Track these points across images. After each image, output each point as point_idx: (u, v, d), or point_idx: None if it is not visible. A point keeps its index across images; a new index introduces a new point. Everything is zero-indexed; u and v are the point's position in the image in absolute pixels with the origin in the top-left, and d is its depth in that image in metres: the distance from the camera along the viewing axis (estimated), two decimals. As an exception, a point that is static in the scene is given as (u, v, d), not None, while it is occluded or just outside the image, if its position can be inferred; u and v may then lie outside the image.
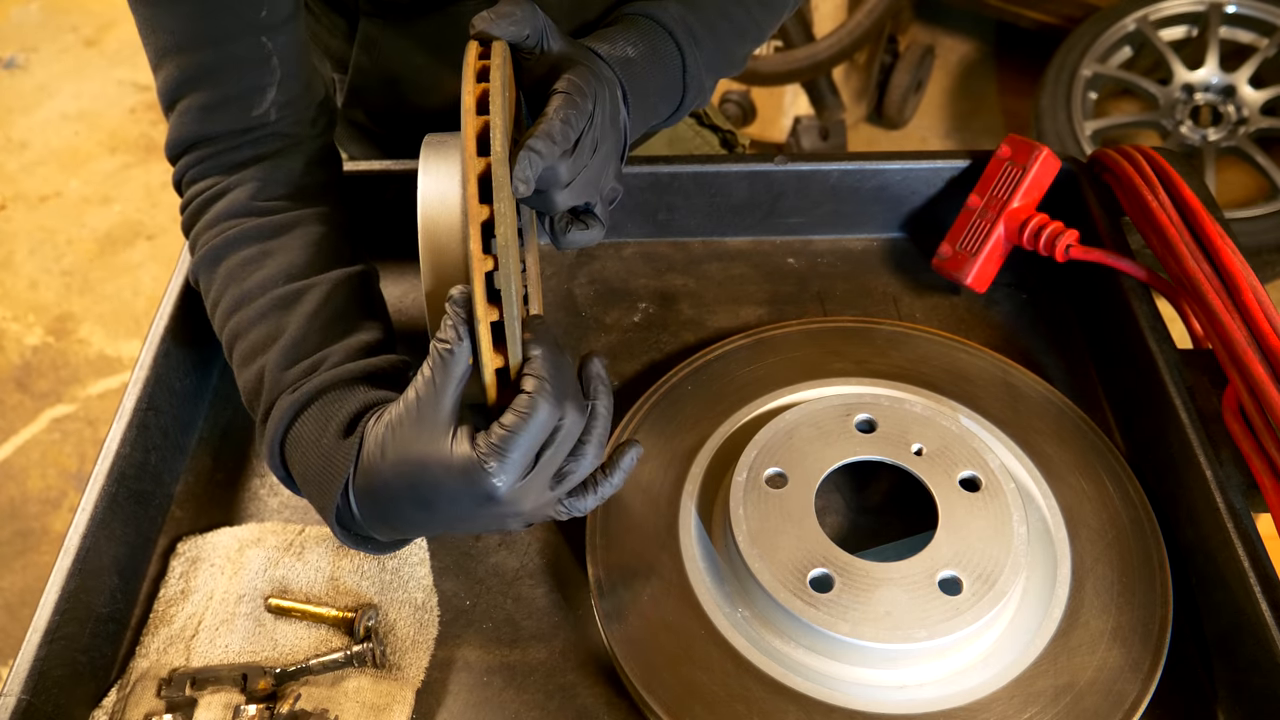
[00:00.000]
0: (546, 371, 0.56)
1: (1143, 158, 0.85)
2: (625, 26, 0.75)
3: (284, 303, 0.66)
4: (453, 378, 0.56)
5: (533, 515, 0.59)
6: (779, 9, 0.86)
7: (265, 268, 0.67)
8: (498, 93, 0.57)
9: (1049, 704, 0.61)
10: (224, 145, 0.71)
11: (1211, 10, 2.24)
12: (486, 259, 0.56)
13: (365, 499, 0.58)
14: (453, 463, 0.55)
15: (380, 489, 0.57)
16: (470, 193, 0.55)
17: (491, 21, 0.61)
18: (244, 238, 0.69)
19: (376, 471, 0.57)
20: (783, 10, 0.87)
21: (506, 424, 0.54)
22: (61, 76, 2.96)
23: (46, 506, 1.95)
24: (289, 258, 0.68)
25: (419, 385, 0.56)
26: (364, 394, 0.61)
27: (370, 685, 0.64)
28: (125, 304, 2.32)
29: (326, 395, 0.61)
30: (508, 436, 0.54)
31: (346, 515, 0.60)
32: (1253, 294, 0.72)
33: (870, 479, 0.76)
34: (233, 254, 0.68)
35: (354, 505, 0.59)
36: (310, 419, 0.61)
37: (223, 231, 0.69)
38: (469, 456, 0.55)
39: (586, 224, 0.67)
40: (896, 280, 0.91)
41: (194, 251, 0.71)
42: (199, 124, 0.70)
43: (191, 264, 0.71)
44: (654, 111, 0.75)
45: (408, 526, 0.60)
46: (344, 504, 0.59)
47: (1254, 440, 0.68)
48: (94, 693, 0.66)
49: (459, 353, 0.56)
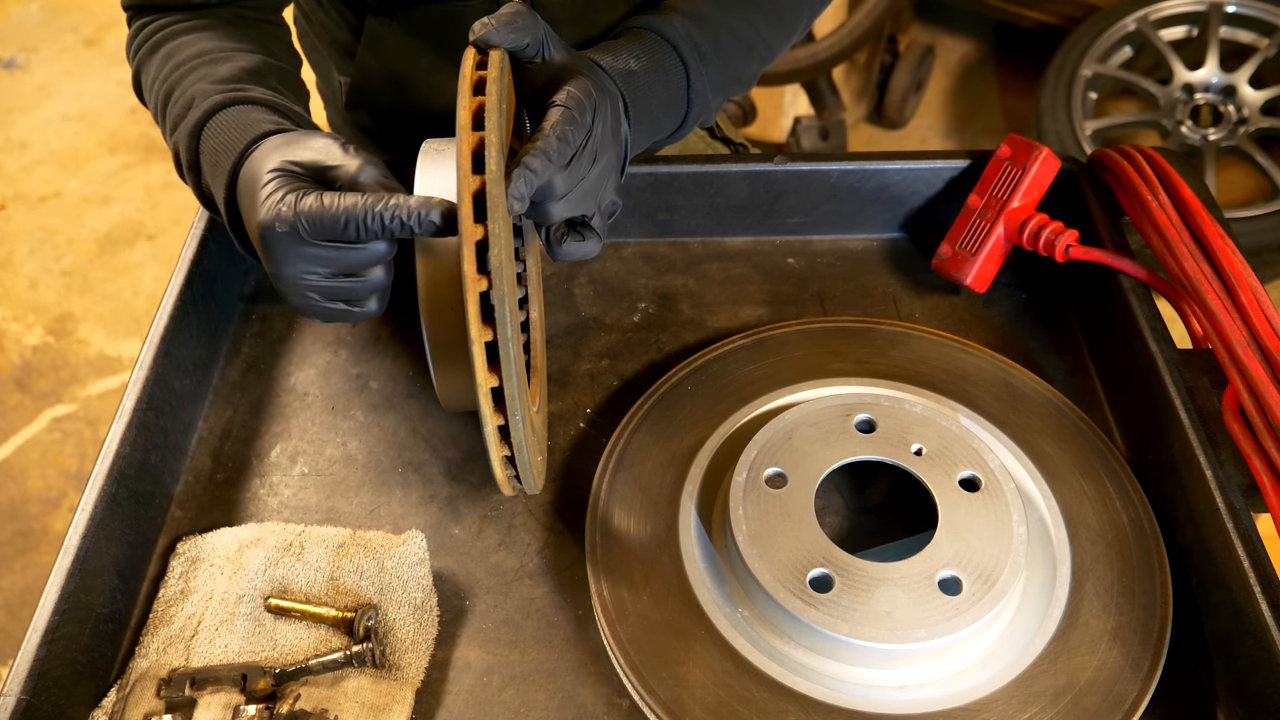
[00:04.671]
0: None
1: (1142, 158, 0.85)
2: (629, 40, 0.74)
3: (215, 60, 0.74)
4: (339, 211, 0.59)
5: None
6: (790, 29, 0.85)
7: (202, 43, 0.76)
8: (494, 108, 0.56)
9: (1049, 704, 0.61)
10: (180, 14, 0.80)
11: (1211, 10, 2.24)
12: (481, 279, 0.55)
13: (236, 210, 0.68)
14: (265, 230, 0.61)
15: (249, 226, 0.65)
16: (464, 213, 0.55)
17: (491, 28, 0.60)
18: (187, 30, 0.77)
19: (256, 212, 0.62)
20: (794, 30, 0.86)
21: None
22: (61, 76, 2.96)
23: (46, 506, 1.95)
24: (229, 42, 0.77)
25: (327, 199, 0.59)
26: (273, 119, 0.69)
27: (370, 685, 0.64)
28: (125, 304, 2.32)
29: (249, 105, 0.70)
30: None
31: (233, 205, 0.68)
32: (1252, 294, 0.72)
33: (870, 479, 0.76)
34: (173, 40, 0.77)
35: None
36: (234, 114, 0.69)
37: (165, 26, 0.78)
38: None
39: (583, 235, 0.67)
40: (896, 280, 0.91)
41: (135, 55, 0.80)
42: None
43: (134, 62, 0.80)
44: (657, 126, 0.75)
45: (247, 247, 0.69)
46: (230, 196, 0.67)
47: (1254, 440, 0.68)
48: (94, 693, 0.66)
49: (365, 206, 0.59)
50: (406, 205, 0.58)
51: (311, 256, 0.61)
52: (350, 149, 0.64)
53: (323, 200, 0.59)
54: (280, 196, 0.60)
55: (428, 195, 0.59)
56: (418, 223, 0.58)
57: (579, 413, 0.82)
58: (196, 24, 0.79)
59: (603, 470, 0.74)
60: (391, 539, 0.72)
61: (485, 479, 0.77)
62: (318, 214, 0.59)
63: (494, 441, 0.60)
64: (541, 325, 0.80)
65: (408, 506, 0.76)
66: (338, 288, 0.63)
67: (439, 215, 0.58)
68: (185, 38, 0.77)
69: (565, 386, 0.83)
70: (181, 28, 0.78)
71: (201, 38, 0.77)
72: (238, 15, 0.82)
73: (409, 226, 0.58)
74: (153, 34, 0.79)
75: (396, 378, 0.84)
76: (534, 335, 0.78)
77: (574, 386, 0.83)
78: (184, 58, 0.75)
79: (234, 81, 0.72)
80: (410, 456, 0.79)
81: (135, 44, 0.80)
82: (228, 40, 0.77)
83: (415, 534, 0.72)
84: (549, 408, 0.81)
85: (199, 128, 0.70)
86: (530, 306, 0.78)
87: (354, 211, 0.58)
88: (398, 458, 0.79)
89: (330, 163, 0.63)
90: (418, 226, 0.58)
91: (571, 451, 0.79)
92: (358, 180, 0.62)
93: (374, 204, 0.59)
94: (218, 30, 0.78)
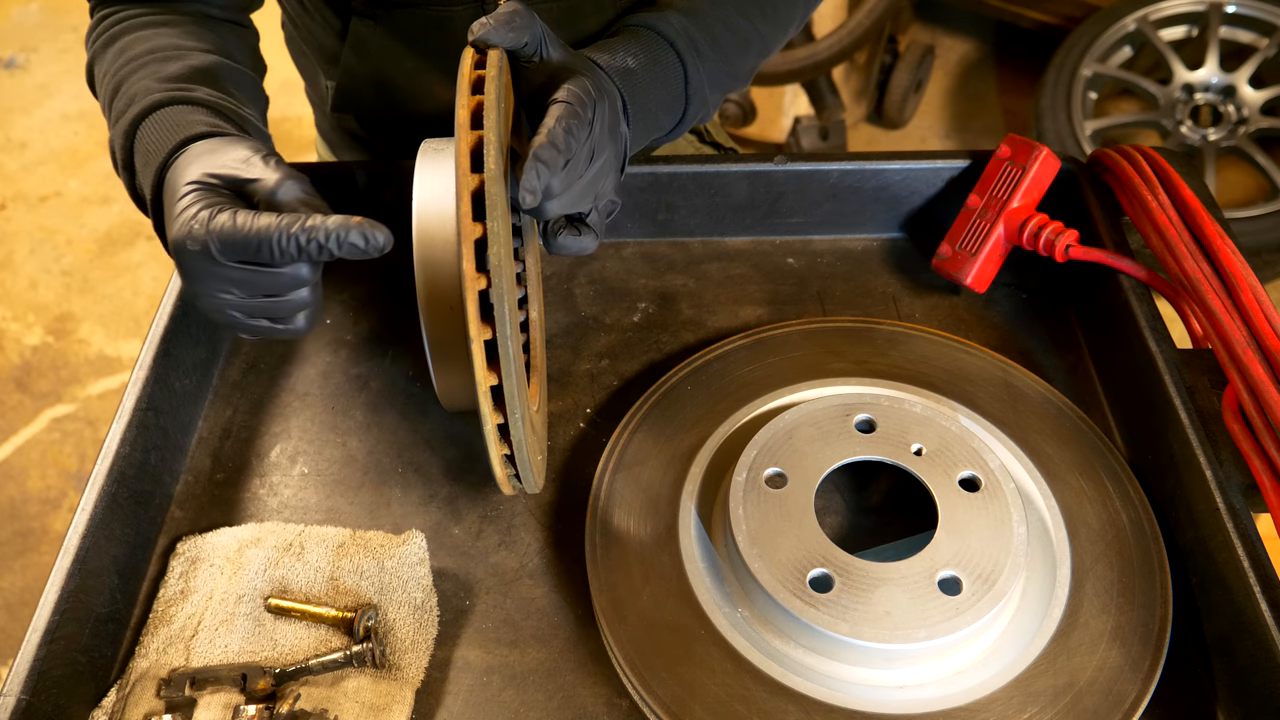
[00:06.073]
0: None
1: (1142, 158, 0.85)
2: (626, 38, 0.74)
3: (167, 58, 0.73)
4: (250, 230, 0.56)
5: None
6: (786, 23, 0.85)
7: (157, 39, 0.75)
8: (492, 107, 0.56)
9: (1049, 704, 0.61)
10: (142, 7, 0.79)
11: (1211, 10, 2.24)
12: (480, 278, 0.55)
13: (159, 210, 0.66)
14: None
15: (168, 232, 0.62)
16: (464, 211, 0.54)
17: (489, 28, 0.59)
18: (146, 25, 0.76)
19: (171, 226, 0.60)
20: (789, 24, 0.86)
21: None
22: (61, 76, 2.96)
23: (46, 506, 1.95)
24: (186, 40, 0.76)
25: (240, 218, 0.57)
26: (210, 120, 0.67)
27: (370, 685, 0.64)
28: (125, 304, 2.32)
29: (188, 106, 0.68)
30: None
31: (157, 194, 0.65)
32: (1252, 294, 0.72)
33: (870, 479, 0.76)
34: (129, 35, 0.76)
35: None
36: (169, 114, 0.67)
37: (125, 19, 0.77)
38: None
39: (579, 231, 0.66)
40: (896, 280, 0.91)
41: (91, 46, 0.78)
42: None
43: (90, 53, 0.79)
44: (655, 124, 0.75)
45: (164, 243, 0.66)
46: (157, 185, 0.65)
47: (1254, 440, 0.68)
48: (93, 693, 0.66)
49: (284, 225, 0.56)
50: (324, 226, 0.55)
51: (226, 277, 0.58)
52: (271, 161, 0.61)
53: (236, 220, 0.56)
54: (194, 213, 0.58)
55: (346, 216, 0.56)
56: (337, 244, 0.55)
57: (579, 413, 0.82)
58: (156, 19, 0.78)
59: (603, 470, 0.74)
60: (391, 539, 0.72)
61: (485, 479, 0.77)
62: (229, 235, 0.56)
63: (493, 440, 0.60)
64: (541, 325, 0.80)
65: (408, 506, 0.76)
66: (258, 306, 0.60)
67: (359, 236, 0.55)
68: (142, 33, 0.76)
69: (565, 386, 0.83)
70: (140, 22, 0.77)
71: (158, 34, 0.76)
72: (202, 13, 0.80)
73: (327, 249, 0.55)
74: (111, 27, 0.78)
75: (396, 378, 0.84)
76: (534, 335, 0.78)
77: (574, 386, 0.83)
78: (137, 53, 0.74)
79: (180, 80, 0.70)
80: (410, 456, 0.79)
81: (93, 35, 0.79)
82: (185, 39, 0.76)
83: (415, 534, 0.72)
84: (549, 407, 0.81)
85: (135, 125, 0.68)
86: (530, 306, 0.78)
87: (267, 233, 0.55)
88: (398, 458, 0.79)
89: (248, 176, 0.60)
90: (337, 249, 0.55)
91: (571, 451, 0.79)
92: (275, 196, 0.59)
93: (289, 225, 0.55)
94: (177, 28, 0.77)
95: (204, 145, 0.63)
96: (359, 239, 0.55)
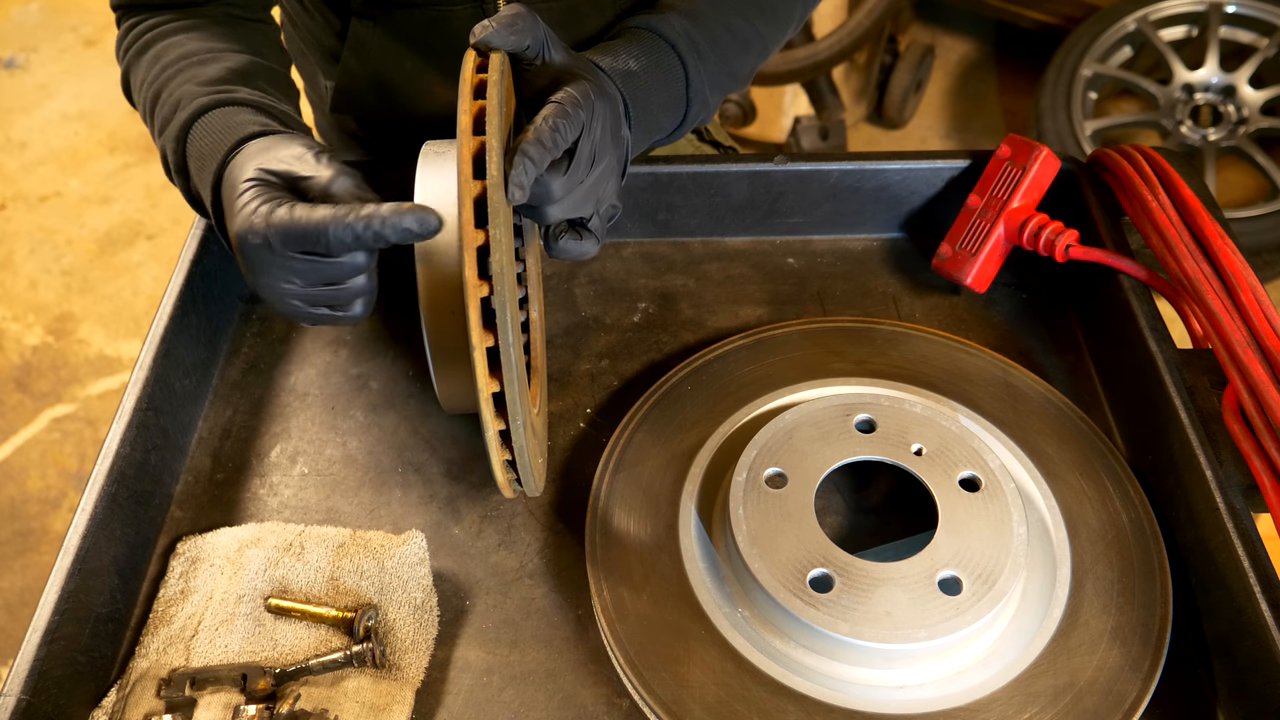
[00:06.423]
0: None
1: (1142, 158, 0.85)
2: (627, 40, 0.74)
3: (202, 61, 0.74)
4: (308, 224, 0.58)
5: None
6: (785, 23, 0.86)
7: (190, 44, 0.76)
8: (494, 112, 0.56)
9: (1049, 704, 0.61)
10: (168, 13, 0.80)
11: (1211, 10, 2.24)
12: (482, 285, 0.55)
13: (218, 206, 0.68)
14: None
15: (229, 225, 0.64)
16: (466, 218, 0.54)
17: (491, 31, 0.59)
18: (176, 31, 0.78)
19: (233, 222, 0.62)
20: (789, 24, 0.86)
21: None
22: (61, 76, 2.96)
23: (46, 506, 1.95)
24: (217, 42, 0.77)
25: (299, 212, 0.59)
26: (260, 120, 0.69)
27: (370, 685, 0.64)
28: (125, 304, 2.32)
29: (235, 107, 0.70)
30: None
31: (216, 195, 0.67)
32: (1252, 294, 0.72)
33: (870, 479, 0.76)
34: (161, 41, 0.77)
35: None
36: (219, 116, 0.69)
37: (154, 26, 0.79)
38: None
39: (581, 235, 0.66)
40: (896, 280, 0.91)
41: (124, 56, 0.80)
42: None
43: (123, 63, 0.80)
44: (657, 126, 0.75)
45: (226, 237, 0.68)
46: (216, 186, 0.67)
47: (1254, 440, 0.68)
48: (94, 693, 0.66)
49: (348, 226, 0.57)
50: (378, 214, 0.57)
51: (287, 267, 0.60)
52: (324, 158, 0.63)
53: (294, 213, 0.58)
54: (254, 208, 0.60)
55: (398, 203, 0.58)
56: (392, 231, 0.57)
57: (579, 413, 0.82)
58: (185, 24, 0.79)
59: (603, 470, 0.74)
60: (391, 539, 0.72)
61: (485, 479, 0.77)
62: (289, 227, 0.58)
63: (495, 446, 0.60)
64: (541, 325, 0.80)
65: (408, 506, 0.76)
66: (318, 294, 0.62)
67: (413, 220, 0.57)
68: (174, 39, 0.77)
69: (565, 386, 0.83)
70: (170, 28, 0.78)
71: (190, 38, 0.77)
72: (227, 14, 0.82)
73: (383, 236, 0.57)
74: (141, 34, 0.79)
75: (396, 378, 0.84)
76: (534, 335, 0.78)
77: (574, 386, 0.83)
78: (172, 59, 0.75)
79: (221, 83, 0.72)
80: (410, 456, 0.79)
81: (124, 45, 0.80)
82: (216, 41, 0.77)
83: (415, 534, 0.72)
84: (549, 408, 0.81)
85: (185, 130, 0.70)
86: (530, 306, 0.78)
87: (324, 224, 0.57)
88: (398, 458, 0.79)
89: (303, 173, 0.62)
90: (393, 235, 0.57)
91: (571, 451, 0.79)
92: (330, 191, 0.61)
93: (345, 215, 0.57)
94: (206, 31, 0.78)
95: (258, 144, 0.65)
96: (413, 223, 0.57)
